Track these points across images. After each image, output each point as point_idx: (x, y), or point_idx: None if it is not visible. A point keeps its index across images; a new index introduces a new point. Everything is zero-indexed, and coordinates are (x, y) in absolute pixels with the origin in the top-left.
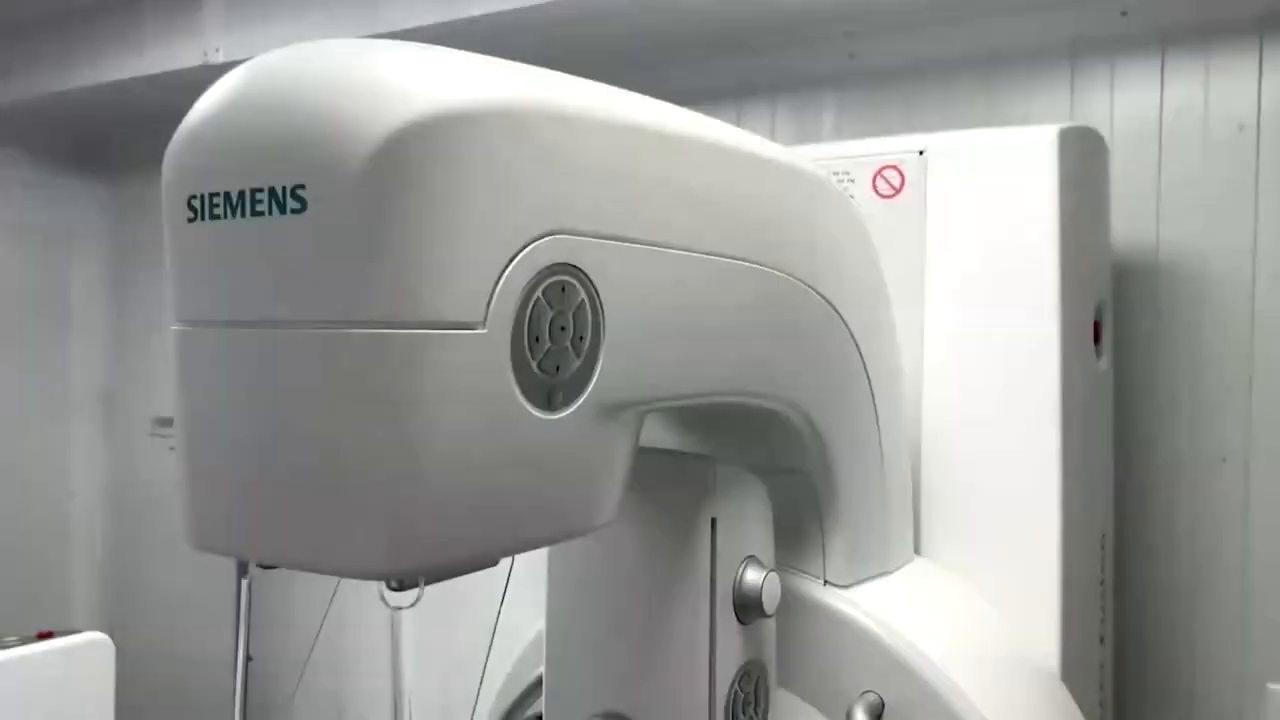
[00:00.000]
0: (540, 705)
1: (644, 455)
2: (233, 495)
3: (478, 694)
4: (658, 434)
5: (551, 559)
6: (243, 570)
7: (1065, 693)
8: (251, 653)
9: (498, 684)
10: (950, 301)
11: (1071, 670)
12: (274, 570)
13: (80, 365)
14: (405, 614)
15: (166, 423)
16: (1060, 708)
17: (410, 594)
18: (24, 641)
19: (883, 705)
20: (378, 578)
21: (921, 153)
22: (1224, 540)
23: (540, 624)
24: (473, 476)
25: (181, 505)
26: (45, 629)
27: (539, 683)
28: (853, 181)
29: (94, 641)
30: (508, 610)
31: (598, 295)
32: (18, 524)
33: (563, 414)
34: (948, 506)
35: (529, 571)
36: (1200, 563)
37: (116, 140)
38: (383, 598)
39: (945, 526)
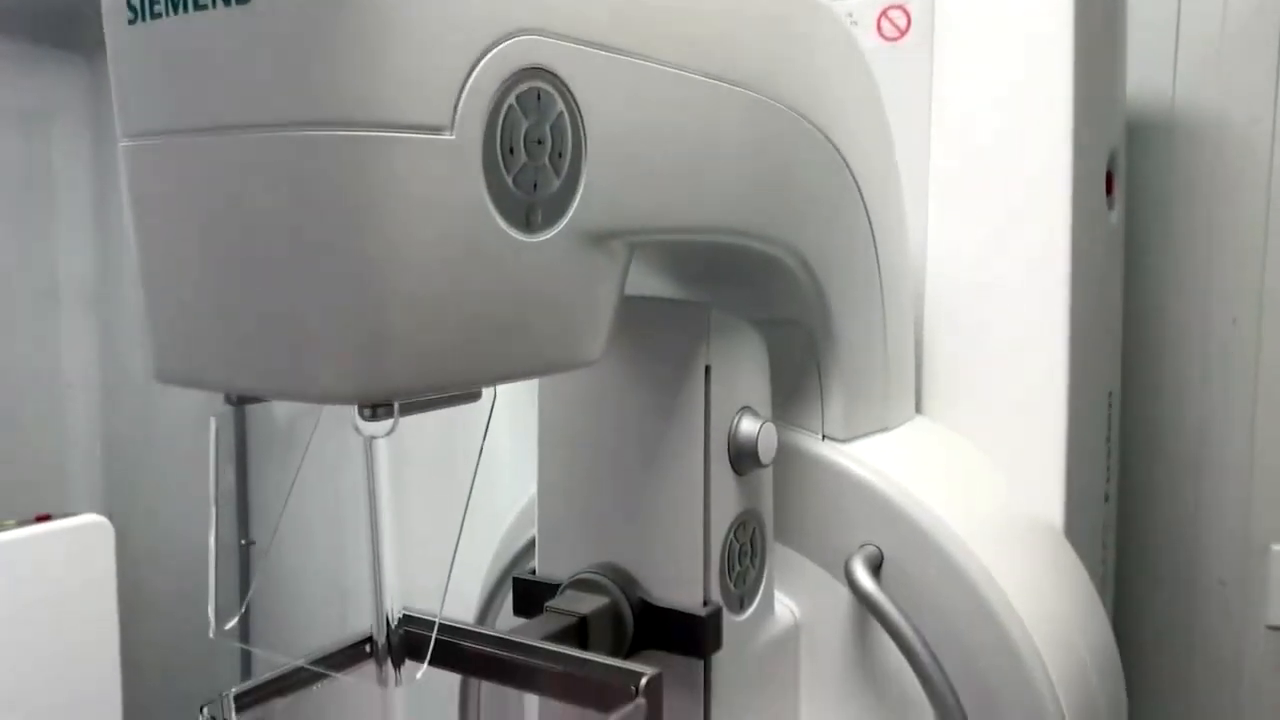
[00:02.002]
0: (534, 564)
1: (636, 302)
2: (193, 322)
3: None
4: (651, 284)
5: (542, 410)
6: (230, 400)
7: (1069, 549)
8: (253, 537)
9: (486, 554)
10: (957, 148)
11: (1075, 529)
12: (275, 450)
13: (67, 253)
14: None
15: None
16: (1064, 563)
17: (385, 424)
18: (22, 524)
19: (882, 557)
20: (346, 402)
21: None
22: (1231, 402)
23: (532, 490)
24: (446, 296)
25: (146, 337)
26: (43, 513)
27: (532, 544)
28: (856, 24)
29: (93, 524)
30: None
31: (578, 108)
32: (11, 415)
33: (542, 237)
34: (951, 364)
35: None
36: (1206, 424)
37: (93, 14)
38: (356, 427)
39: (948, 385)
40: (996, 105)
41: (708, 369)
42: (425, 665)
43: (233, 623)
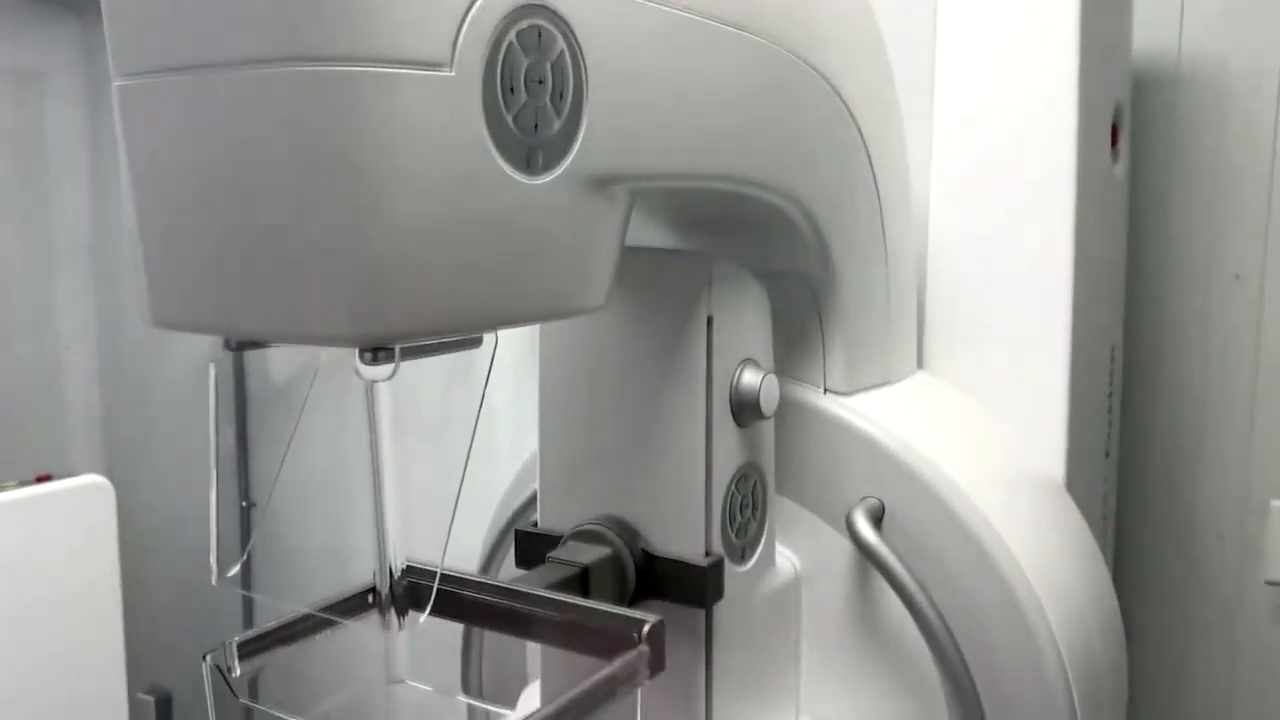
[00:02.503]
0: (536, 517)
1: (638, 253)
2: (190, 265)
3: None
4: (652, 235)
5: (543, 363)
6: (229, 345)
7: (1070, 503)
8: (254, 500)
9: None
10: (960, 98)
11: (1076, 484)
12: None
13: (61, 212)
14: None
15: None
16: (1065, 517)
17: (386, 368)
18: (22, 485)
19: (883, 509)
20: (346, 344)
21: None
22: (1233, 358)
23: (533, 446)
24: (446, 236)
25: (143, 282)
26: (44, 473)
27: (534, 500)
28: None
29: (93, 484)
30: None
31: (579, 47)
32: (10, 377)
33: (543, 179)
34: (953, 319)
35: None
36: (1208, 380)
37: None
38: (357, 371)
39: (950, 339)
40: (1001, 56)
41: (710, 319)
42: (427, 611)
43: (235, 570)
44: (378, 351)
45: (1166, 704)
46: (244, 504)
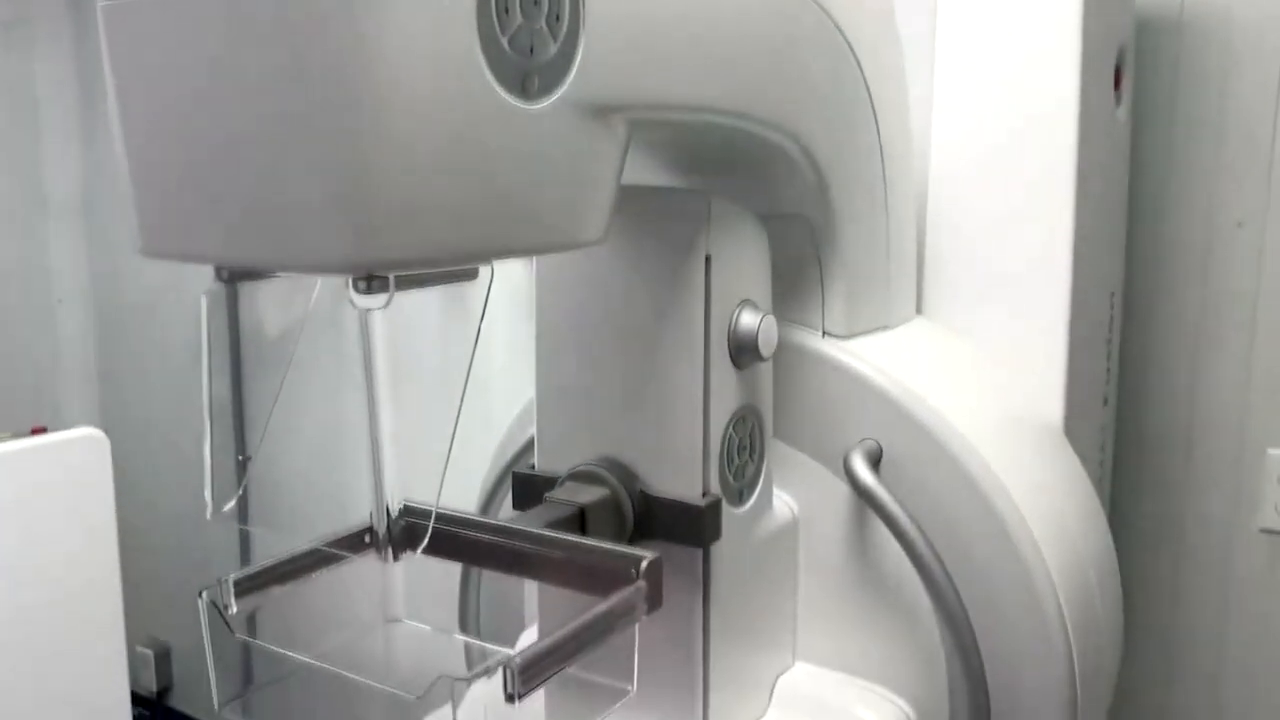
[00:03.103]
0: (533, 461)
1: (635, 190)
2: (179, 192)
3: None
4: (652, 176)
5: (540, 304)
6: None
7: (1069, 448)
8: (250, 453)
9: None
10: (963, 40)
11: (1074, 431)
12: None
13: (53, 165)
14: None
15: None
16: (1063, 462)
17: (380, 297)
18: (17, 437)
19: (881, 452)
20: (340, 271)
21: None
22: (1232, 306)
23: (529, 394)
24: (440, 160)
25: (131, 211)
26: (39, 425)
27: (531, 445)
28: None
29: (88, 437)
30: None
31: None
32: (3, 330)
33: (539, 105)
34: (952, 264)
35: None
36: (1207, 327)
37: None
38: (351, 301)
39: (949, 285)
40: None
41: (708, 259)
42: (423, 545)
43: (230, 504)
44: (372, 280)
45: (1160, 648)
46: (240, 458)
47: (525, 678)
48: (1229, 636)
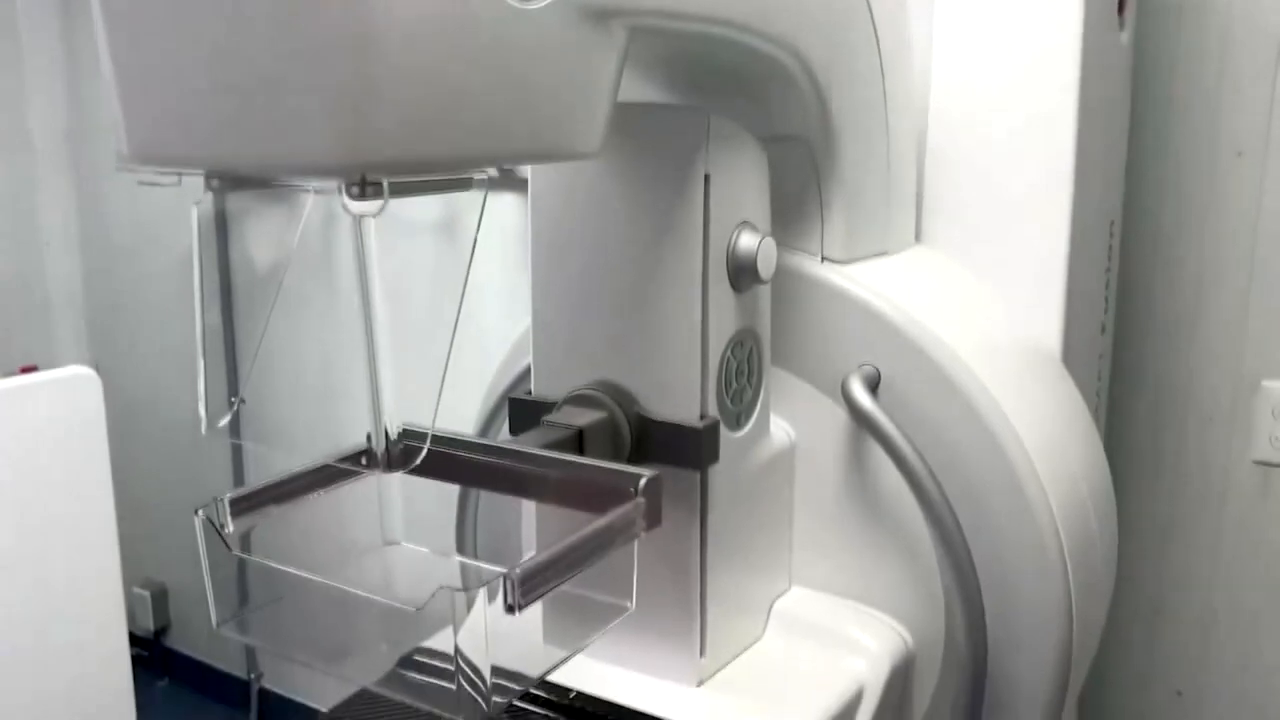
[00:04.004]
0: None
1: (632, 107)
2: (167, 92)
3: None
4: (649, 93)
5: (535, 225)
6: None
7: (1067, 376)
8: (244, 397)
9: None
10: None
11: (1072, 359)
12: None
13: (37, 103)
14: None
15: None
16: (1061, 390)
17: (374, 203)
18: (7, 377)
19: (879, 376)
20: (332, 173)
21: None
22: (1231, 237)
23: (527, 321)
24: (436, 59)
25: (117, 117)
26: (28, 364)
27: (528, 373)
28: None
29: (79, 375)
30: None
31: None
32: None
33: (537, 4)
34: (952, 191)
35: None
36: (1206, 258)
37: None
38: (345, 207)
39: (949, 211)
40: None
41: (707, 178)
42: (423, 453)
43: (225, 420)
44: (365, 185)
45: (1154, 576)
46: (232, 399)
47: (525, 589)
48: (1221, 566)
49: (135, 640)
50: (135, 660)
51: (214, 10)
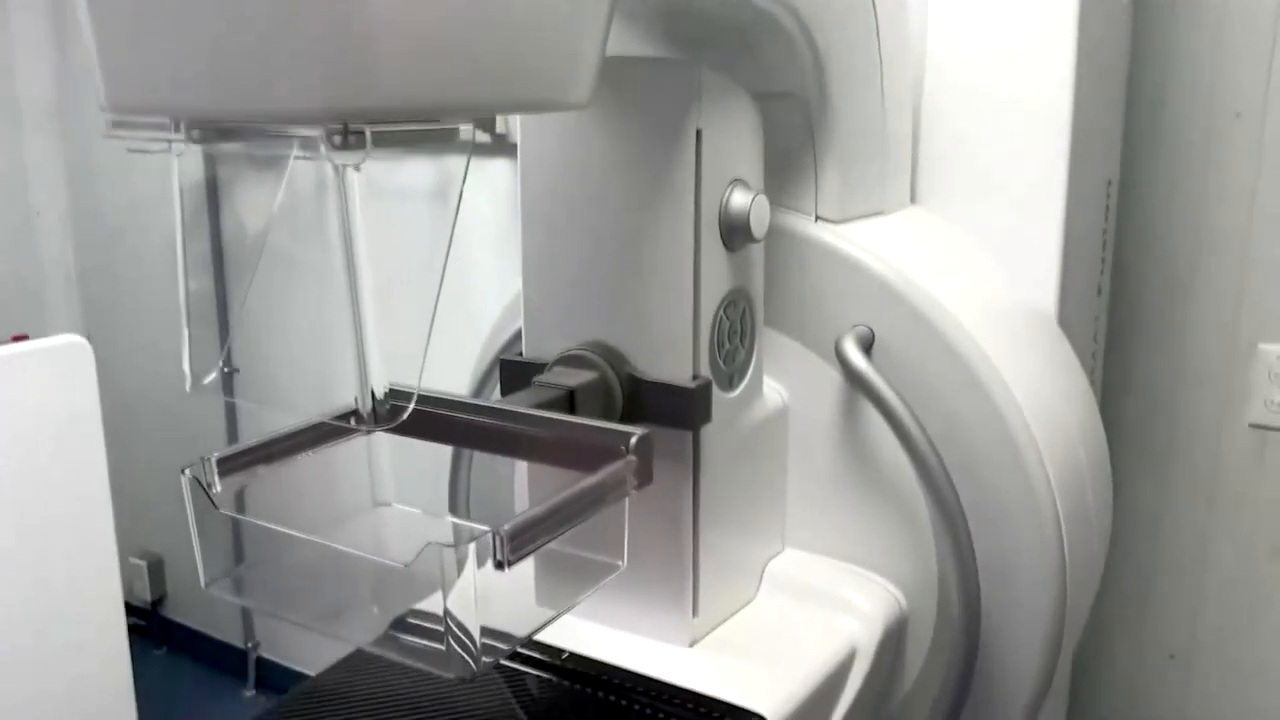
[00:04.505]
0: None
1: (625, 61)
2: (145, 37)
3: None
4: (641, 47)
5: (525, 183)
6: (192, 137)
7: (1062, 337)
8: (237, 366)
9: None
10: None
11: (1068, 320)
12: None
13: (24, 72)
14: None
15: (123, 122)
16: (1057, 351)
17: (357, 154)
18: None
19: (873, 337)
20: (316, 120)
21: None
22: (1229, 200)
23: (518, 285)
24: (420, 4)
25: (94, 64)
26: (20, 333)
27: (519, 336)
28: None
29: (71, 344)
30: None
31: None
32: None
33: None
34: (947, 151)
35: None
36: (1202, 221)
37: None
38: (329, 159)
39: (944, 174)
40: None
41: (699, 133)
42: (409, 409)
43: (211, 376)
44: (348, 134)
45: (1148, 540)
46: (224, 369)
47: (514, 545)
48: (1216, 530)
49: (132, 610)
50: (132, 630)
51: None
